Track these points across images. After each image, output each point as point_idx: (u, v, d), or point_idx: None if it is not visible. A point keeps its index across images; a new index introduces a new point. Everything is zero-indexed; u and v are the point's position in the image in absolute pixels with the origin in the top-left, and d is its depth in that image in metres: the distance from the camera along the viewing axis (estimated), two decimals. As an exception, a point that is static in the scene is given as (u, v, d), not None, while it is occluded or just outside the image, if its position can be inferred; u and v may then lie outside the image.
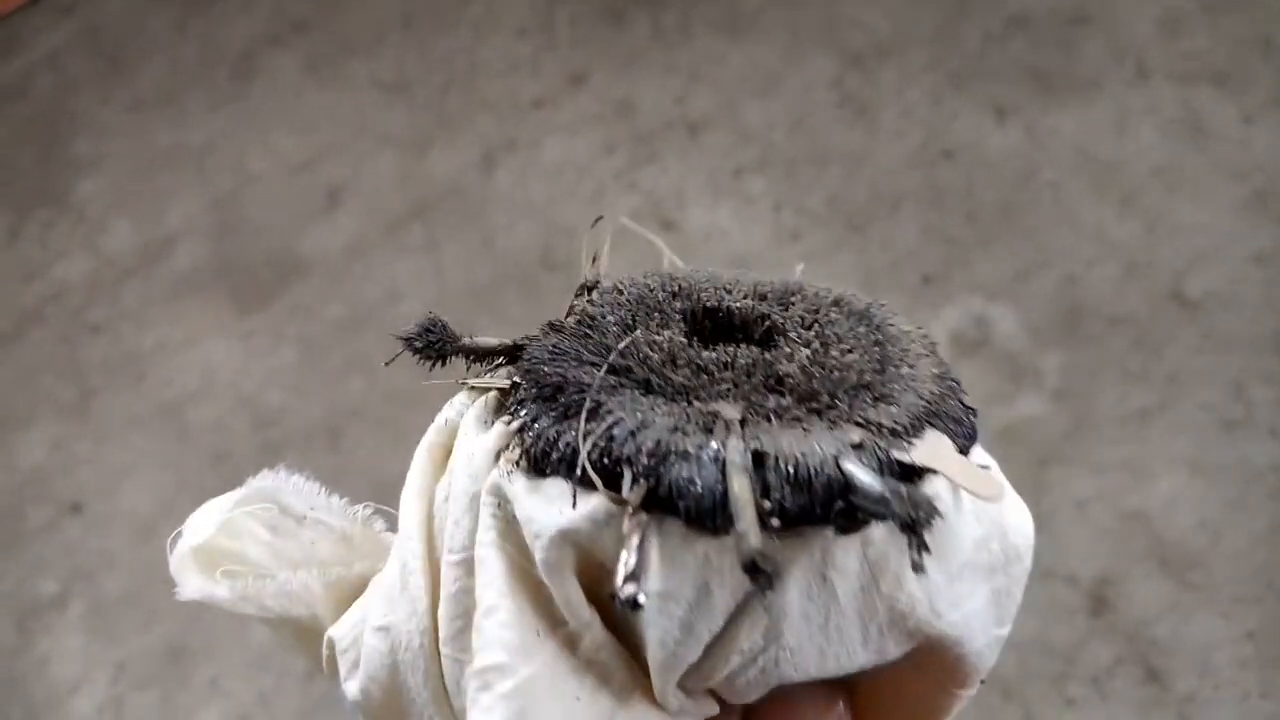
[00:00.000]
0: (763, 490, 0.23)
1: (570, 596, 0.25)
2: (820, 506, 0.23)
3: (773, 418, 0.25)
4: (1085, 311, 1.15)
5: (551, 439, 0.25)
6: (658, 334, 0.28)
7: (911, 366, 0.28)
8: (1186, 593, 0.98)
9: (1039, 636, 0.99)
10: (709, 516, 0.23)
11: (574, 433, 0.25)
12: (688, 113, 1.41)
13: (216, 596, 0.31)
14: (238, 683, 1.09)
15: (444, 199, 1.41)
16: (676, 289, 0.31)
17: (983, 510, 0.26)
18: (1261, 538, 1.00)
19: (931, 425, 0.26)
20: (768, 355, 0.28)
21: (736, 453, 0.23)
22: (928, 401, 0.26)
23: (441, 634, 0.27)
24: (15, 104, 1.72)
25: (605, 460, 0.24)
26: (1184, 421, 1.07)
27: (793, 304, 0.31)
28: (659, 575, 0.23)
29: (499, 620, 0.25)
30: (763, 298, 0.31)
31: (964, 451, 0.26)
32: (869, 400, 0.26)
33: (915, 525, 0.22)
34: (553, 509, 0.24)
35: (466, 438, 0.28)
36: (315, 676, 1.06)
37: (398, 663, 0.28)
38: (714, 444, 0.24)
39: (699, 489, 0.23)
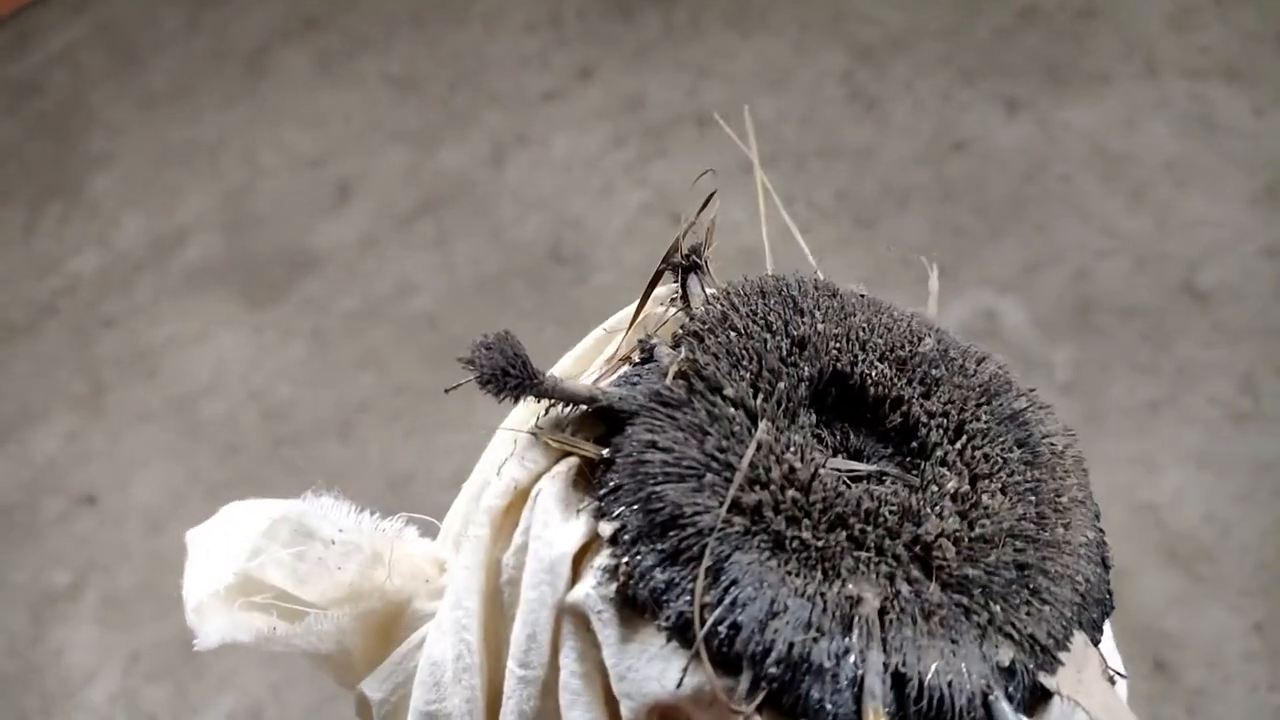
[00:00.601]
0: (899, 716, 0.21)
1: None
2: None
3: (918, 618, 0.22)
4: (1095, 304, 1.15)
5: (659, 588, 0.22)
6: (788, 440, 0.24)
7: (1066, 526, 0.25)
8: (1195, 585, 0.98)
9: (1048, 629, 0.99)
10: None
11: (687, 592, 0.21)
12: (697, 107, 1.41)
13: (240, 640, 0.28)
14: (250, 675, 1.10)
15: (454, 193, 1.42)
16: (799, 337, 0.27)
17: None
18: (1270, 531, 0.99)
19: (1080, 626, 0.23)
20: (914, 501, 0.24)
21: (876, 675, 0.21)
22: (1083, 595, 0.24)
23: None
24: (30, 100, 1.73)
25: (723, 647, 0.21)
26: (1193, 414, 1.07)
27: (933, 387, 0.27)
28: None
29: None
30: (900, 365, 0.27)
31: (1098, 630, 0.25)
32: (1023, 598, 0.23)
33: None
34: (651, 671, 0.21)
35: (547, 526, 0.24)
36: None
37: None
38: (852, 659, 0.21)
39: (829, 714, 0.20)
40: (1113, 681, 0.24)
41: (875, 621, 0.21)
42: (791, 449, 0.24)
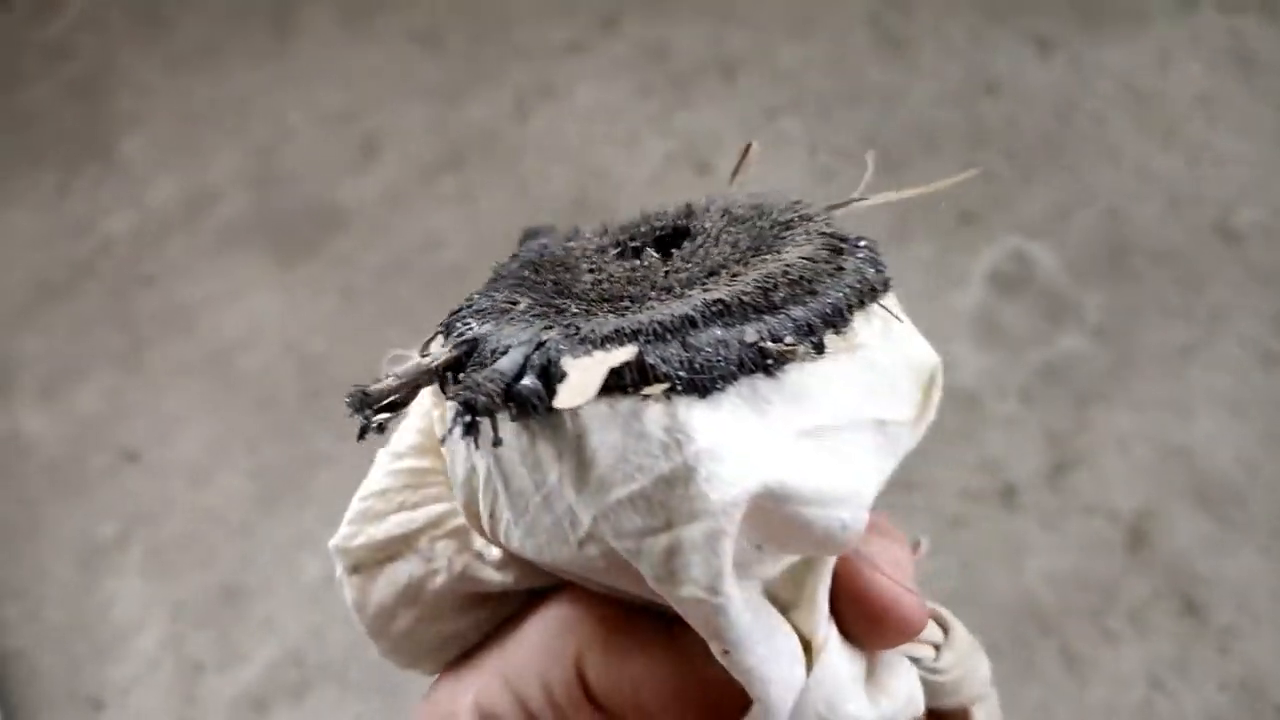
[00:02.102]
0: None
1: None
2: None
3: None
4: (1127, 247, 1.14)
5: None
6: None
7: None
8: (1225, 528, 0.98)
9: (1077, 571, 1.00)
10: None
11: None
12: (722, 54, 1.40)
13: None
14: (290, 619, 1.13)
15: (479, 147, 1.42)
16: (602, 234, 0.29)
17: None
18: (1304, 472, 0.99)
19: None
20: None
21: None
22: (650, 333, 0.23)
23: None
24: (61, 64, 1.75)
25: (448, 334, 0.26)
26: (1225, 357, 1.06)
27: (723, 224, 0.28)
28: None
29: None
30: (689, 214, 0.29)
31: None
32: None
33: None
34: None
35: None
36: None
37: None
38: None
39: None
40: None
41: (508, 310, 0.25)
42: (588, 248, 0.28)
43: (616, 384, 0.21)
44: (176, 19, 1.74)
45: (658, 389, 0.21)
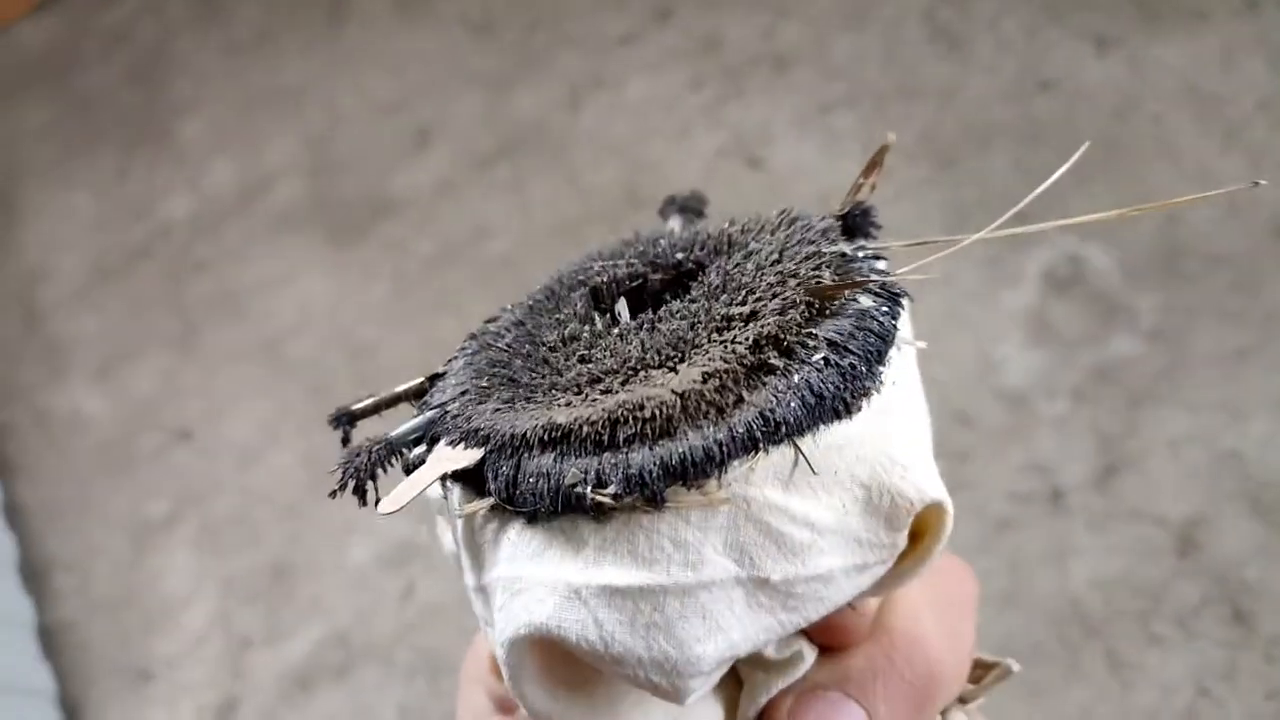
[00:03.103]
0: None
1: None
2: None
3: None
4: (1183, 249, 1.12)
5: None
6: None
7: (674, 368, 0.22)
8: (1277, 535, 0.97)
9: (1125, 575, 0.98)
10: None
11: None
12: (775, 47, 1.39)
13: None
14: (337, 600, 1.14)
15: (530, 137, 1.43)
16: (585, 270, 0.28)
17: None
18: (1362, 481, 0.97)
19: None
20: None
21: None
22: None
23: None
24: (120, 49, 1.78)
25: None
26: (1283, 362, 1.04)
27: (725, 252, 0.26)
28: None
29: None
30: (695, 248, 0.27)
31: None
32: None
33: None
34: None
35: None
36: (410, 595, 1.11)
37: None
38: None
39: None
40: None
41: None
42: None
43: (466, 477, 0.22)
44: (233, 5, 1.76)
45: (484, 504, 0.21)
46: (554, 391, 0.22)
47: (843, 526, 0.20)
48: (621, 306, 0.26)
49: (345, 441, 0.25)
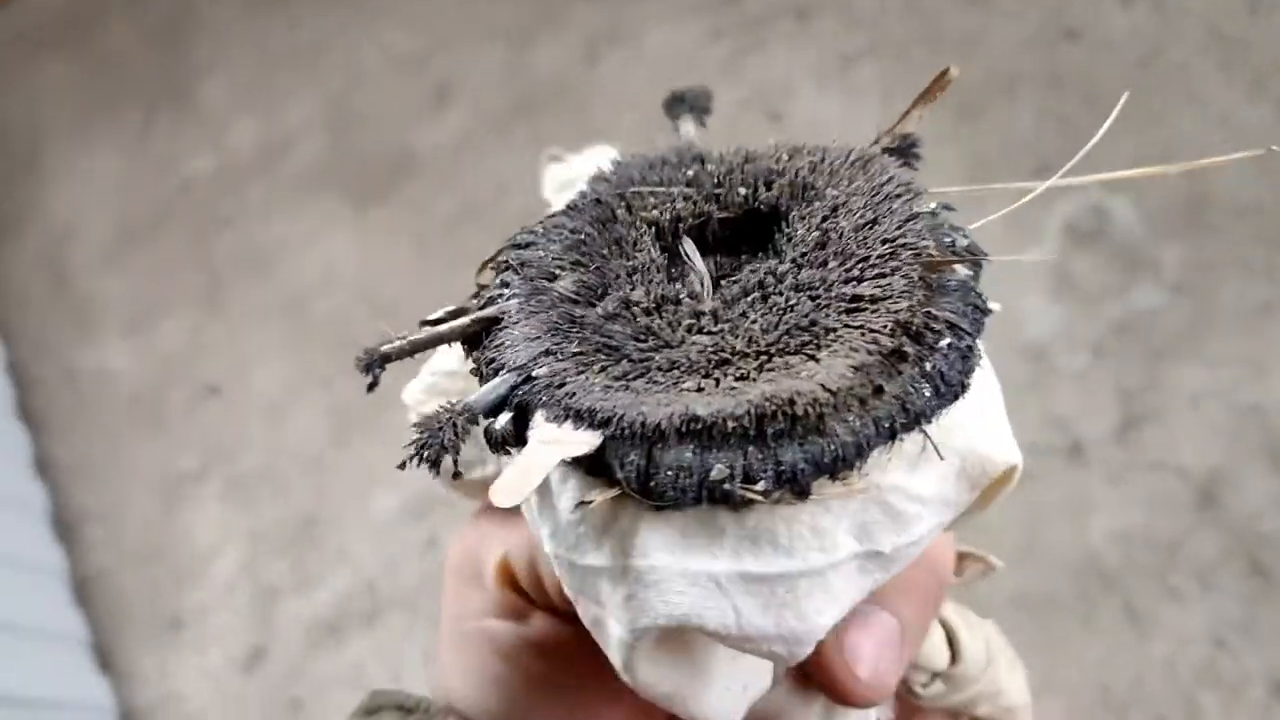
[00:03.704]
0: None
1: None
2: None
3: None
4: (1208, 201, 1.11)
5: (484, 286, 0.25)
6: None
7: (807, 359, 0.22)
8: (1300, 487, 0.96)
9: (1143, 529, 0.99)
10: None
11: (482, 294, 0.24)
12: (795, -1, 1.38)
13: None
14: (363, 550, 1.17)
15: (549, 93, 1.43)
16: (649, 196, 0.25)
17: None
18: (1386, 433, 0.96)
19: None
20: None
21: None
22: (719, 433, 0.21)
23: None
24: (141, 9, 1.79)
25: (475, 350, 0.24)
26: (1309, 314, 1.03)
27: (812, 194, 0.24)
28: None
29: None
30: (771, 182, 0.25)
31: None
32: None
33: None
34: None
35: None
36: (434, 546, 1.13)
37: None
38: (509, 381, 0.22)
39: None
40: None
41: (541, 288, 0.23)
42: (670, 201, 0.25)
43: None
44: (253, -37, 1.76)
45: (609, 494, 0.20)
46: (675, 371, 0.21)
47: (941, 494, 0.21)
48: (691, 250, 0.24)
49: (372, 386, 0.23)
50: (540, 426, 0.21)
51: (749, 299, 0.22)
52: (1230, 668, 0.93)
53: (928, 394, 0.20)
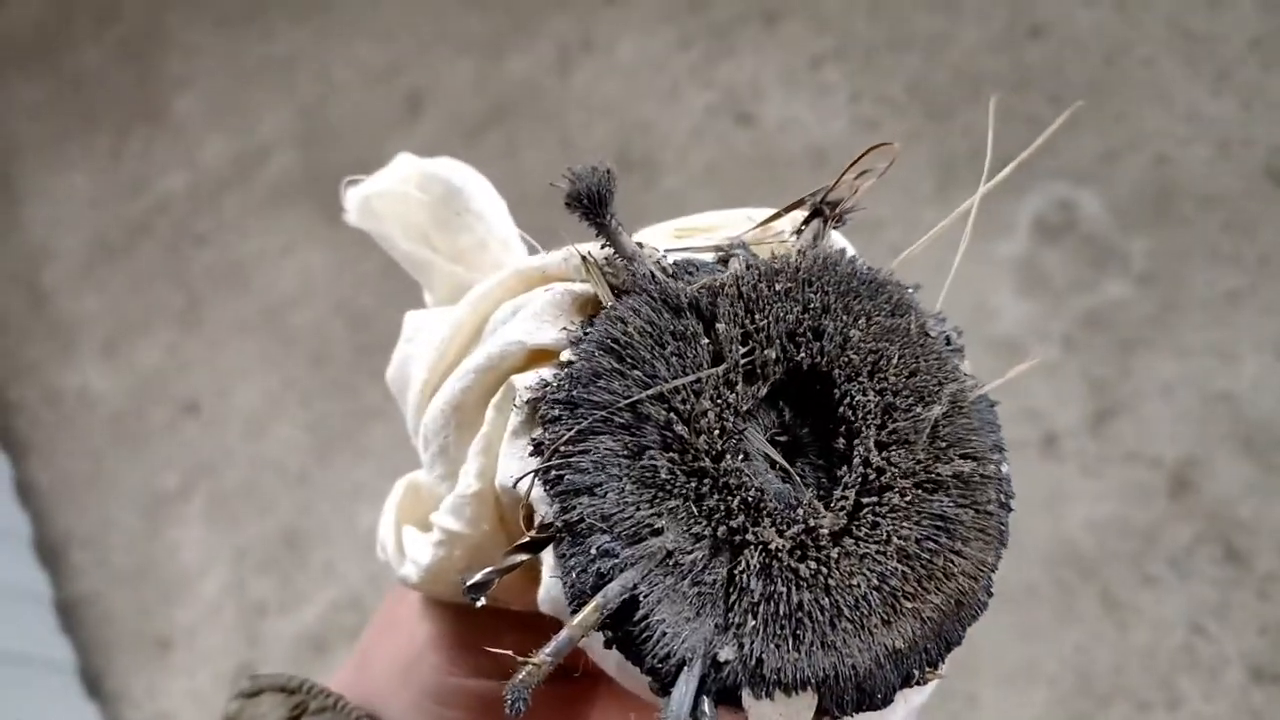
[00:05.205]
0: None
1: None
2: None
3: (689, 577, 0.22)
4: (1175, 192, 1.12)
5: (547, 415, 0.23)
6: (724, 393, 0.23)
7: (916, 598, 0.24)
8: (1269, 474, 0.98)
9: (1118, 518, 1.00)
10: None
11: (555, 431, 0.23)
12: (764, 2, 1.39)
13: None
14: (350, 565, 1.17)
15: (522, 102, 1.43)
16: (818, 328, 0.24)
17: None
18: (1352, 418, 0.98)
19: (823, 686, 0.23)
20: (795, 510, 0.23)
21: (620, 587, 0.22)
22: (849, 672, 0.23)
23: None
24: (111, 26, 1.78)
25: (550, 486, 0.23)
26: (1273, 304, 1.05)
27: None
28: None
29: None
30: (889, 410, 0.24)
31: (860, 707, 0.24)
32: (794, 629, 0.23)
33: None
34: (509, 465, 0.24)
35: (536, 317, 0.25)
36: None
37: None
38: (609, 563, 0.22)
39: (568, 583, 0.23)
40: None
41: (656, 553, 0.22)
42: (719, 399, 0.23)
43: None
44: (222, -22, 1.75)
45: None
46: (860, 611, 0.23)
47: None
48: (761, 443, 0.24)
49: (474, 602, 0.23)
50: (753, 707, 0.22)
51: (868, 503, 0.23)
52: (1208, 652, 0.95)
53: (1000, 552, 0.25)
